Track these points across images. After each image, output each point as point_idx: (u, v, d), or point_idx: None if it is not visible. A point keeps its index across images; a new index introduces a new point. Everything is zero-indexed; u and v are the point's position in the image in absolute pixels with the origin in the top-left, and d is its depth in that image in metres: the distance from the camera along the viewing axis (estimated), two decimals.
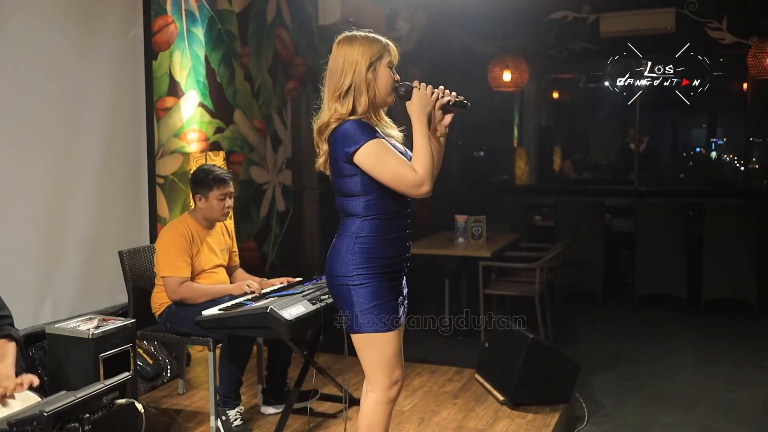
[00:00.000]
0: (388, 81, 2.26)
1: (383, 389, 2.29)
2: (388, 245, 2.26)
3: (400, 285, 2.35)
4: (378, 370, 2.28)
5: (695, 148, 11.15)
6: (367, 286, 2.22)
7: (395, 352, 2.29)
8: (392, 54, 2.28)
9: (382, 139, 2.22)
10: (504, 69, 7.30)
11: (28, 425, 1.88)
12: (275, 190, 5.58)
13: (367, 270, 2.22)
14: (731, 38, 6.78)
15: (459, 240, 5.45)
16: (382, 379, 2.28)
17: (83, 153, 3.75)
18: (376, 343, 2.25)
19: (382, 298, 2.24)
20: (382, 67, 2.25)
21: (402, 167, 2.19)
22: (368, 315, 2.23)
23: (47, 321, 3.40)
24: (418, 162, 2.21)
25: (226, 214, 3.43)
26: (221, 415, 3.17)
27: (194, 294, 3.26)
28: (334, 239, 2.32)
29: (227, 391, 3.20)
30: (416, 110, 2.25)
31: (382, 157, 2.18)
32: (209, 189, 3.35)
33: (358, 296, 2.23)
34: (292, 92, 5.73)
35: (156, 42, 4.28)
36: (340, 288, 2.26)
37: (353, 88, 2.23)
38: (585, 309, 6.33)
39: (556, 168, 9.64)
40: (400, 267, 2.32)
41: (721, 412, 3.94)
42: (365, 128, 2.20)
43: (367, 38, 2.27)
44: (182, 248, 3.29)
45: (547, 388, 3.57)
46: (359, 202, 2.25)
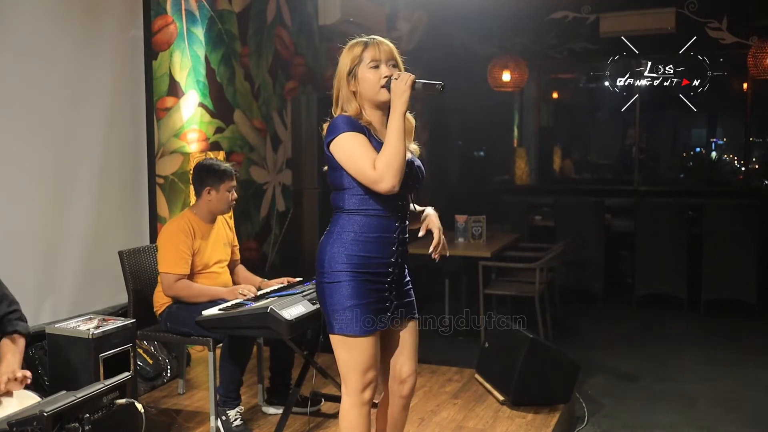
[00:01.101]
0: (371, 81, 2.21)
1: (356, 392, 2.24)
2: (369, 244, 2.20)
3: (389, 289, 2.26)
4: (351, 373, 2.22)
5: (695, 148, 11.15)
6: (342, 284, 2.18)
7: (369, 357, 2.22)
8: (374, 52, 2.22)
9: (359, 134, 2.17)
10: (504, 69, 7.30)
11: (28, 425, 1.88)
12: (275, 190, 5.58)
13: (343, 267, 2.18)
14: (731, 38, 6.77)
15: (459, 240, 5.45)
16: (355, 383, 2.23)
17: (83, 153, 3.75)
18: (350, 346, 2.20)
19: (358, 299, 2.18)
20: (363, 69, 2.22)
21: (363, 163, 2.13)
22: (342, 315, 2.18)
23: (47, 321, 3.40)
24: (382, 157, 2.13)
25: (231, 206, 3.48)
26: (221, 415, 3.17)
27: (189, 292, 3.27)
28: (322, 236, 2.31)
29: (227, 391, 3.20)
30: (393, 101, 2.17)
31: (350, 150, 2.16)
32: (221, 181, 3.38)
33: (331, 294, 2.20)
34: (292, 92, 5.73)
35: (156, 42, 4.28)
36: (319, 285, 2.25)
37: (341, 98, 2.26)
38: (585, 309, 6.33)
39: (556, 168, 9.64)
40: (384, 270, 2.23)
41: (721, 412, 3.94)
42: (348, 122, 2.19)
43: (351, 45, 2.27)
44: (182, 244, 3.29)
45: (547, 388, 3.57)
46: (344, 195, 2.23)
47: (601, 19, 6.97)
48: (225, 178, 3.38)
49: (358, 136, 2.18)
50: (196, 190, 3.46)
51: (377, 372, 2.28)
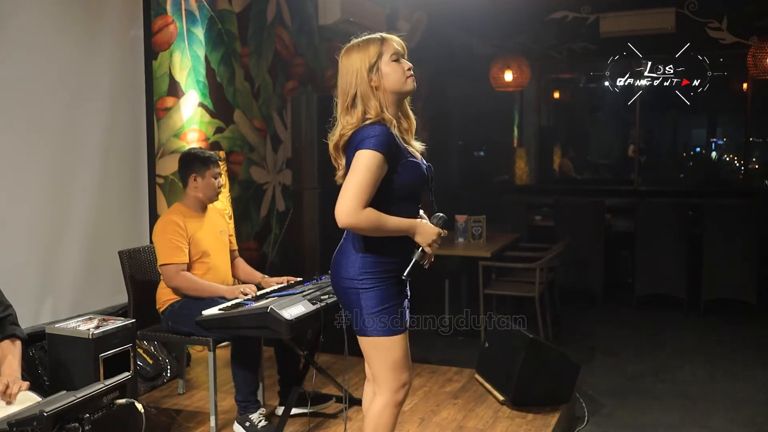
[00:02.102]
0: (398, 73, 2.23)
1: (391, 392, 2.28)
2: (395, 249, 2.24)
3: (406, 289, 2.33)
4: (386, 373, 2.27)
5: (695, 148, 11.15)
6: (375, 290, 2.22)
7: (403, 355, 2.28)
8: (393, 46, 2.25)
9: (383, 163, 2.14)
10: (504, 69, 7.31)
11: (28, 425, 1.87)
12: (275, 190, 5.58)
13: (374, 274, 2.22)
14: (731, 38, 6.77)
15: (459, 240, 5.45)
16: (390, 383, 2.28)
17: (83, 153, 3.75)
18: (384, 346, 2.24)
19: (389, 302, 2.23)
20: (385, 63, 2.22)
21: (349, 189, 2.11)
22: (375, 318, 2.22)
23: (47, 321, 3.40)
24: (371, 214, 2.13)
25: (218, 193, 3.50)
26: (245, 422, 3.15)
27: (189, 285, 3.28)
28: (342, 240, 2.31)
29: (245, 396, 3.18)
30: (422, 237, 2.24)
31: (360, 169, 2.12)
32: (206, 167, 3.42)
33: (366, 300, 2.22)
34: (292, 92, 5.73)
35: (156, 42, 4.28)
36: (348, 291, 2.25)
37: (359, 96, 2.21)
38: (585, 309, 6.33)
39: (556, 168, 9.64)
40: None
41: (721, 411, 3.94)
42: (387, 141, 2.14)
43: (362, 42, 2.25)
44: (175, 234, 3.30)
45: (547, 388, 3.57)
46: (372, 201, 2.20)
47: (601, 19, 6.96)
48: (210, 164, 3.42)
49: (382, 166, 2.14)
50: (182, 180, 3.49)
51: (410, 371, 2.34)
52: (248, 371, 3.17)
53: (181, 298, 3.34)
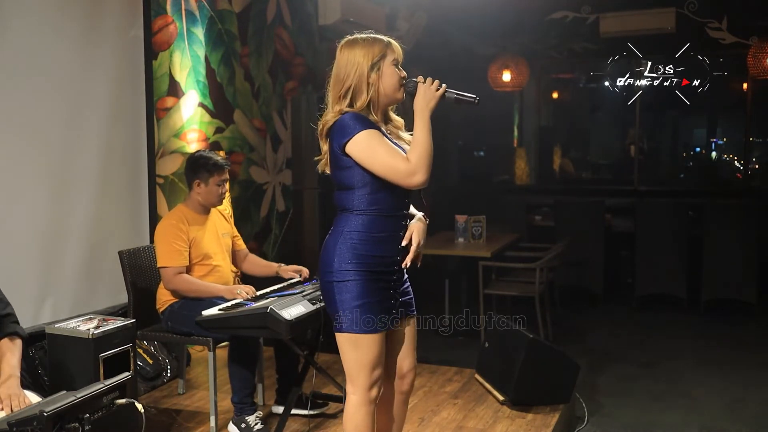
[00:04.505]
0: (394, 78, 2.26)
1: (363, 390, 2.26)
2: (377, 243, 2.23)
3: (393, 287, 2.29)
4: (359, 371, 2.24)
5: (695, 148, 11.15)
6: (351, 283, 2.19)
7: (377, 354, 2.24)
8: (396, 52, 2.28)
9: (376, 130, 2.21)
10: (504, 69, 7.30)
11: (28, 425, 1.88)
12: (275, 190, 5.58)
13: (353, 266, 2.20)
14: (731, 38, 6.77)
15: (459, 240, 5.45)
16: (362, 381, 2.25)
17: (83, 153, 3.75)
18: (359, 344, 2.21)
19: (367, 298, 2.20)
20: (387, 65, 2.25)
21: (393, 157, 2.17)
22: (351, 314, 2.19)
23: (47, 321, 3.41)
24: (414, 152, 2.19)
25: (222, 199, 3.48)
26: (240, 423, 3.15)
27: (187, 287, 3.28)
28: (327, 236, 2.31)
29: (242, 397, 3.18)
30: (420, 105, 2.24)
31: (374, 147, 2.17)
32: (210, 175, 3.39)
33: (341, 293, 2.21)
34: (292, 92, 5.73)
35: (156, 42, 4.28)
36: (326, 284, 2.25)
37: (353, 88, 2.23)
38: (585, 309, 6.33)
39: (556, 168, 9.64)
40: (391, 269, 2.27)
41: (721, 412, 3.94)
42: (360, 119, 2.20)
43: (368, 39, 2.27)
44: (176, 237, 3.30)
45: (547, 388, 3.57)
46: (353, 195, 2.23)
47: (601, 19, 6.96)
48: (214, 172, 3.40)
49: (376, 132, 2.20)
50: (187, 181, 3.49)
51: (383, 370, 2.31)
52: (245, 373, 3.17)
53: (181, 299, 3.34)
